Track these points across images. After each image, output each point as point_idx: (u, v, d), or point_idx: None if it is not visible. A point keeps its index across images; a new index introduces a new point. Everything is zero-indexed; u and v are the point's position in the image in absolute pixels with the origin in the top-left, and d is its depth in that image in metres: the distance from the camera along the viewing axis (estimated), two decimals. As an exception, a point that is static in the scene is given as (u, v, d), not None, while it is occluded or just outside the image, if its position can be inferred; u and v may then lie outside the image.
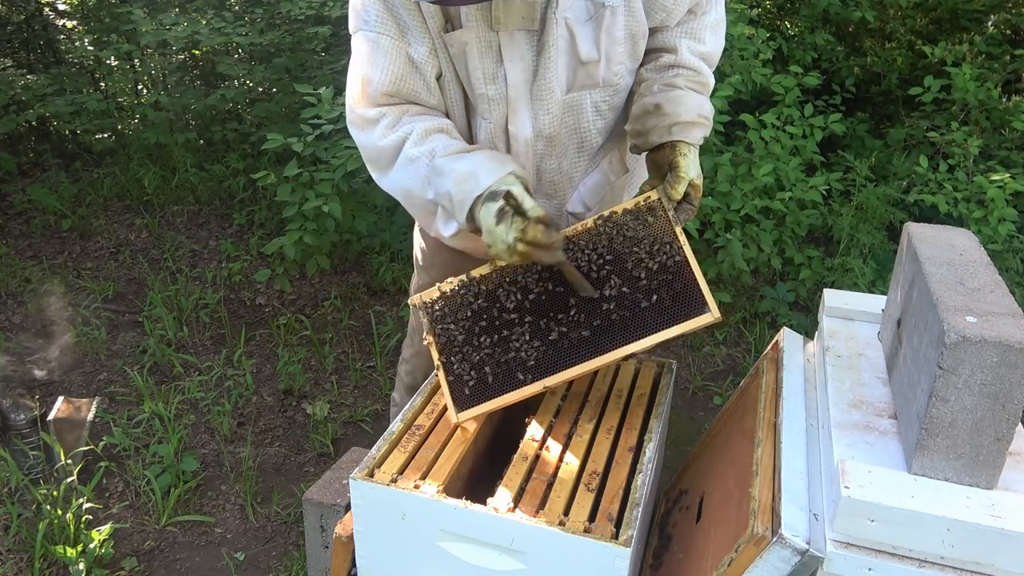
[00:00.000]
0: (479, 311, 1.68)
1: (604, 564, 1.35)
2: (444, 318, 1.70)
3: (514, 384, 1.63)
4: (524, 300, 1.66)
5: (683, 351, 3.62)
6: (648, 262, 1.61)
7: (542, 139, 1.68)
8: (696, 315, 1.57)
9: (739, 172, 3.56)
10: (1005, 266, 3.46)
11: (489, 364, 1.65)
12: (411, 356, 2.20)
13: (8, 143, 5.29)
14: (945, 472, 1.24)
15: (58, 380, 3.33)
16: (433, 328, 1.70)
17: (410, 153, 1.58)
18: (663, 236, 1.62)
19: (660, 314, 1.58)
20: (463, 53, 1.57)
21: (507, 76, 1.60)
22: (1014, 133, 4.05)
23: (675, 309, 1.58)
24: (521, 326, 1.64)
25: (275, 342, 3.59)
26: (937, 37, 4.76)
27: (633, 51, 1.68)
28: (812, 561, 1.25)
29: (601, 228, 1.66)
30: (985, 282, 1.34)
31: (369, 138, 1.63)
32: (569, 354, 1.61)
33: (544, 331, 1.63)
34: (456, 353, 1.67)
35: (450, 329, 1.69)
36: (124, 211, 4.91)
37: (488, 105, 1.63)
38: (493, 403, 1.65)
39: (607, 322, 1.60)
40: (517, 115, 1.64)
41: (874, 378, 1.57)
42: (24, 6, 5.55)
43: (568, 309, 1.62)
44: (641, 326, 1.59)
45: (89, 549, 2.33)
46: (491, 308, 1.67)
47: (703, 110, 1.64)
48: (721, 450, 1.87)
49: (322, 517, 2.17)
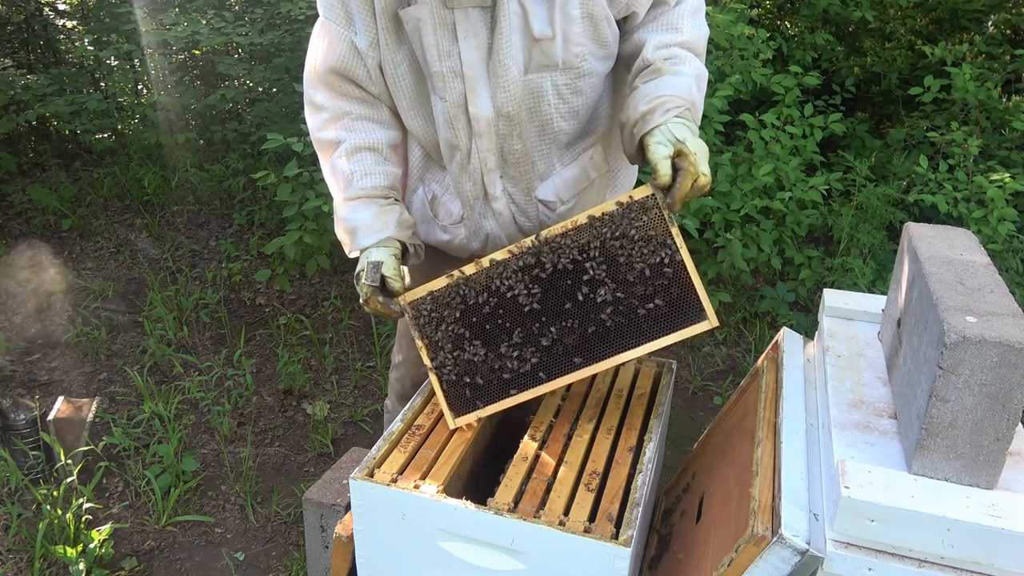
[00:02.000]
0: (470, 312, 1.64)
1: (604, 564, 1.35)
2: (433, 320, 1.67)
3: (507, 393, 1.64)
4: (515, 303, 1.62)
5: (683, 351, 3.62)
6: (642, 264, 1.55)
7: (503, 118, 1.66)
8: (693, 323, 1.54)
9: (739, 172, 3.56)
10: (1005, 266, 3.46)
11: (482, 370, 1.64)
12: (400, 363, 2.18)
13: (8, 143, 5.29)
14: (945, 472, 1.24)
15: (58, 380, 3.33)
16: (423, 331, 1.68)
17: (337, 164, 1.74)
18: (658, 236, 1.55)
19: (656, 321, 1.55)
20: (417, 30, 1.57)
21: (461, 53, 1.59)
22: (1014, 133, 4.05)
23: (672, 316, 1.54)
24: (513, 331, 1.62)
25: (275, 342, 3.59)
26: (937, 37, 4.76)
27: (595, 33, 1.64)
28: (812, 561, 1.25)
29: (591, 227, 1.57)
30: (985, 282, 1.34)
31: (312, 122, 1.76)
32: (563, 361, 1.59)
33: (537, 336, 1.60)
34: (448, 357, 1.66)
35: (440, 332, 1.66)
36: (124, 211, 4.91)
37: (443, 83, 1.62)
38: (489, 409, 1.65)
39: (602, 328, 1.57)
40: (476, 94, 1.63)
41: (874, 378, 1.57)
42: (24, 6, 5.54)
43: (562, 314, 1.59)
44: (637, 333, 1.56)
45: (89, 549, 2.33)
46: (482, 310, 1.63)
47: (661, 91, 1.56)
48: (721, 450, 1.87)
49: (322, 517, 2.17)
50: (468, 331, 1.64)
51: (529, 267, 1.60)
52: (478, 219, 1.80)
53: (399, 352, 2.17)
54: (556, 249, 1.59)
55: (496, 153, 1.70)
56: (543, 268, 1.59)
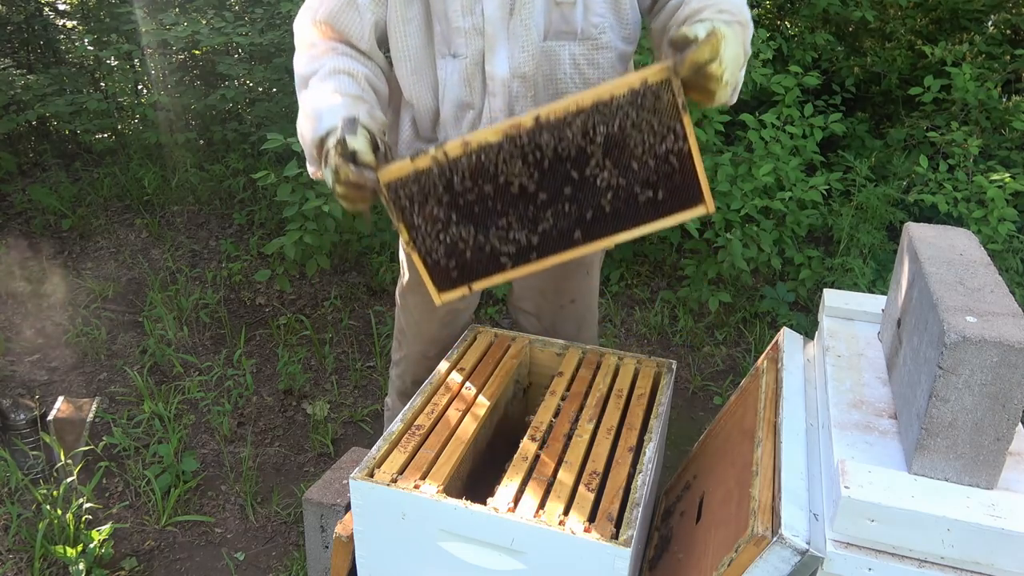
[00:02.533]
0: (456, 196, 1.52)
1: (604, 564, 1.35)
2: (416, 203, 1.52)
3: (498, 267, 1.56)
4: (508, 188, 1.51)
5: (683, 351, 3.62)
6: (648, 152, 1.46)
7: (518, 79, 1.67)
8: (690, 207, 1.50)
9: (739, 172, 3.56)
10: (1005, 266, 3.46)
11: (472, 250, 1.56)
12: (400, 359, 2.17)
13: (8, 143, 5.29)
14: (945, 472, 1.24)
15: (58, 380, 3.33)
16: (402, 214, 1.53)
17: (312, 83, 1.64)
18: (667, 121, 1.45)
19: (654, 206, 1.51)
20: None
21: (484, 10, 1.59)
22: (1014, 133, 4.05)
23: (670, 201, 1.50)
24: (504, 214, 1.53)
25: (275, 342, 3.59)
26: (937, 37, 4.76)
27: (616, 6, 1.65)
28: (812, 561, 1.25)
29: (598, 110, 1.46)
30: (985, 282, 1.34)
31: (297, 59, 1.70)
32: (557, 241, 1.54)
33: (532, 220, 1.53)
34: (431, 239, 1.55)
35: (423, 215, 1.53)
36: (124, 211, 4.91)
37: (464, 39, 1.62)
38: (479, 283, 1.60)
39: (600, 214, 1.52)
40: (494, 53, 1.63)
41: (874, 378, 1.57)
42: (24, 6, 5.54)
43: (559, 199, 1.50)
44: (634, 217, 1.52)
45: (89, 549, 2.33)
46: (470, 194, 1.52)
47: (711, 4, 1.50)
48: (721, 450, 1.87)
49: (322, 517, 2.17)
50: (455, 214, 1.53)
51: (525, 150, 1.48)
52: None
53: (399, 349, 2.17)
54: (557, 132, 1.47)
55: (507, 113, 1.70)
56: (542, 151, 1.48)
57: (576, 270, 2.06)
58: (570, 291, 2.10)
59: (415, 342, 2.11)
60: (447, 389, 1.79)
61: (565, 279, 2.07)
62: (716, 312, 3.74)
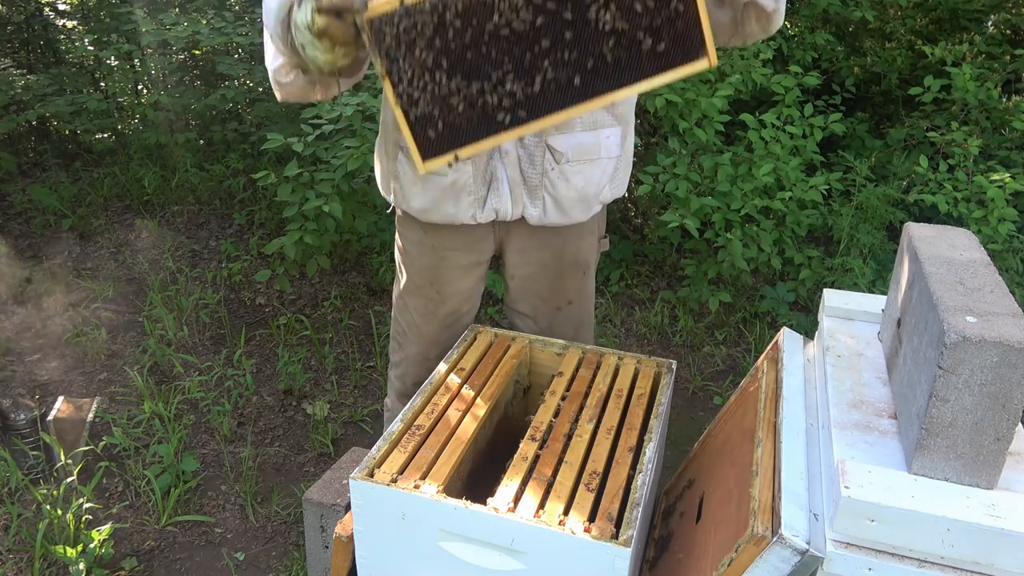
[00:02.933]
0: (448, 37, 1.38)
1: (604, 564, 1.35)
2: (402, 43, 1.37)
3: (493, 127, 1.43)
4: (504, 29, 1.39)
5: (683, 351, 3.63)
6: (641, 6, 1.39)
7: None
8: (692, 59, 1.42)
9: (739, 172, 3.56)
10: (1005, 266, 3.46)
11: (462, 103, 1.41)
12: (400, 360, 2.16)
13: (8, 143, 5.29)
14: (945, 472, 1.24)
15: (58, 380, 3.33)
16: (387, 56, 1.37)
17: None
18: None
19: (656, 57, 1.42)
20: None
21: None
22: (1014, 133, 4.05)
23: (673, 51, 1.41)
24: (501, 62, 1.40)
25: (275, 342, 3.59)
26: (937, 37, 4.76)
27: None
28: (812, 561, 1.25)
29: None
30: (985, 282, 1.34)
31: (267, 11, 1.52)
32: (556, 96, 1.43)
33: (529, 70, 1.41)
34: (420, 87, 1.39)
35: (410, 58, 1.37)
36: (124, 211, 4.92)
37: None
38: (467, 149, 1.46)
39: (602, 64, 1.42)
40: None
41: (874, 378, 1.57)
42: (24, 6, 5.54)
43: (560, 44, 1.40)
44: (636, 69, 1.42)
45: (89, 549, 2.33)
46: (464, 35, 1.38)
47: None
48: (721, 450, 1.86)
49: (322, 517, 2.17)
50: (445, 60, 1.39)
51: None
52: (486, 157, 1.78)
53: (399, 350, 2.16)
54: None
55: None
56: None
57: (573, 271, 2.05)
58: (567, 292, 2.09)
59: (415, 344, 2.10)
60: (447, 389, 1.79)
61: (561, 279, 2.06)
62: (716, 312, 3.74)
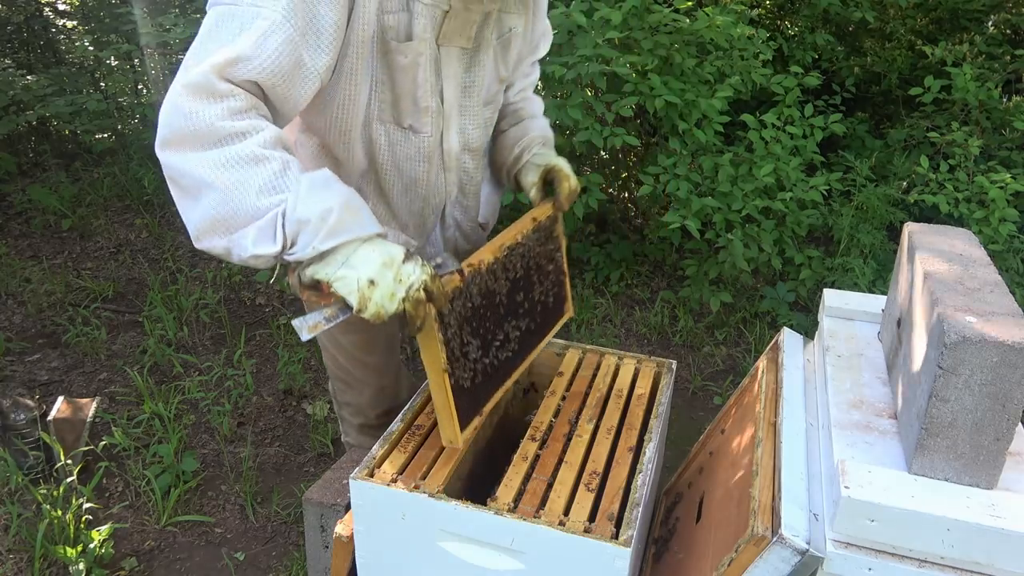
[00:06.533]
0: (475, 311, 1.57)
1: (604, 564, 1.35)
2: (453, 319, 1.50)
3: (496, 385, 1.64)
4: (501, 299, 1.66)
5: (683, 351, 3.63)
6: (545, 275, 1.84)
7: (468, 152, 1.75)
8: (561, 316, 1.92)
9: (740, 172, 3.56)
10: (1005, 266, 3.46)
11: (479, 368, 1.59)
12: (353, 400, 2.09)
13: (8, 143, 5.29)
14: (945, 472, 1.24)
15: (58, 380, 3.33)
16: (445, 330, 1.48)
17: (258, 152, 1.29)
18: (556, 246, 1.88)
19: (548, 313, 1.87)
20: (415, 64, 1.52)
21: (444, 90, 1.62)
22: (1015, 133, 4.05)
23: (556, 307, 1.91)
24: (501, 326, 1.66)
25: (275, 342, 3.59)
26: (937, 37, 4.76)
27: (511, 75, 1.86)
28: (812, 561, 1.25)
29: (514, 252, 1.71)
30: (985, 282, 1.34)
31: (206, 110, 1.28)
32: (518, 352, 1.74)
33: (509, 330, 1.70)
34: (461, 364, 1.53)
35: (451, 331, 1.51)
36: (124, 211, 4.92)
37: (430, 118, 1.62)
38: (487, 405, 1.64)
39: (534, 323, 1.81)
40: (450, 130, 1.68)
41: (874, 378, 1.57)
42: (24, 6, 5.54)
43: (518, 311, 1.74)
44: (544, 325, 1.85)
45: (89, 549, 2.33)
46: (480, 309, 1.59)
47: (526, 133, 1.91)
48: (721, 450, 1.86)
49: (322, 517, 2.17)
50: (469, 329, 1.56)
51: (506, 269, 1.70)
52: (427, 246, 1.85)
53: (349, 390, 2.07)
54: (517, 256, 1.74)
55: (457, 185, 1.79)
56: (515, 271, 1.73)
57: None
58: None
59: (368, 379, 2.04)
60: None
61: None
62: (716, 312, 3.74)
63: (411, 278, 1.34)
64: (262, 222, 1.29)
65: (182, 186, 1.34)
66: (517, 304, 1.73)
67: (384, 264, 1.32)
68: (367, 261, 1.32)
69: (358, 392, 2.08)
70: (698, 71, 3.63)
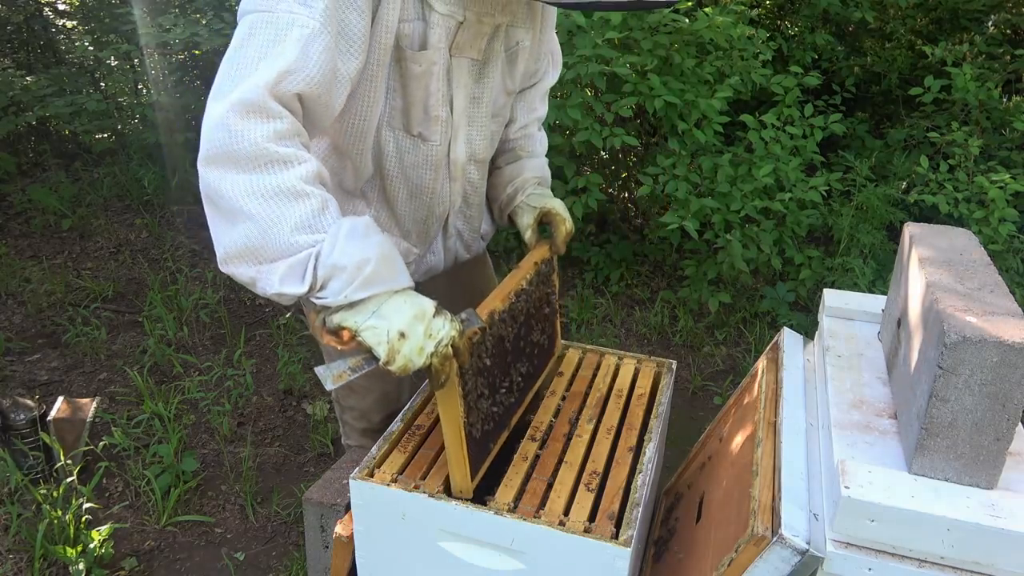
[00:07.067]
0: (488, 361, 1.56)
1: (604, 564, 1.35)
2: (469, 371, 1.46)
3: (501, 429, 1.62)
4: (508, 345, 1.65)
5: (683, 351, 3.62)
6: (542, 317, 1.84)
7: (474, 163, 1.76)
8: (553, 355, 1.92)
9: (739, 172, 3.56)
10: (1005, 266, 3.46)
11: (488, 415, 1.56)
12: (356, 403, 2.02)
13: (8, 143, 5.29)
14: (945, 472, 1.24)
15: (58, 380, 3.33)
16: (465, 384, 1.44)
17: (298, 187, 1.27)
18: (552, 288, 1.88)
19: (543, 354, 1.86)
20: (429, 73, 1.53)
21: (453, 100, 1.63)
22: (1015, 133, 4.05)
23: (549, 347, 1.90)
24: (506, 376, 1.63)
25: (275, 342, 3.59)
26: (937, 37, 4.77)
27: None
28: (812, 561, 1.25)
29: (520, 298, 1.72)
30: (985, 282, 1.34)
31: (254, 130, 1.25)
32: (519, 395, 1.72)
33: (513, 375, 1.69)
34: (475, 414, 1.50)
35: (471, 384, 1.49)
36: (124, 211, 4.92)
37: (440, 127, 1.62)
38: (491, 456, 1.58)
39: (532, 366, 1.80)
40: (457, 140, 1.68)
41: (874, 378, 1.57)
42: (24, 6, 5.54)
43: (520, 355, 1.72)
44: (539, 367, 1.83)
45: (89, 549, 2.33)
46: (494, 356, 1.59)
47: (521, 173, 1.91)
48: (721, 450, 1.86)
49: (322, 517, 2.16)
50: (483, 380, 1.53)
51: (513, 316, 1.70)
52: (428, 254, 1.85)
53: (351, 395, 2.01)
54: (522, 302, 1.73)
55: (461, 195, 1.79)
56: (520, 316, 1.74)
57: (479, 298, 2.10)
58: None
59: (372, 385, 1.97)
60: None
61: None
62: (716, 312, 3.74)
63: (440, 333, 1.31)
64: (293, 260, 1.26)
65: (219, 207, 1.30)
66: (520, 349, 1.71)
67: (415, 317, 1.29)
68: (399, 312, 1.29)
69: (361, 397, 2.06)
70: (698, 71, 3.63)
